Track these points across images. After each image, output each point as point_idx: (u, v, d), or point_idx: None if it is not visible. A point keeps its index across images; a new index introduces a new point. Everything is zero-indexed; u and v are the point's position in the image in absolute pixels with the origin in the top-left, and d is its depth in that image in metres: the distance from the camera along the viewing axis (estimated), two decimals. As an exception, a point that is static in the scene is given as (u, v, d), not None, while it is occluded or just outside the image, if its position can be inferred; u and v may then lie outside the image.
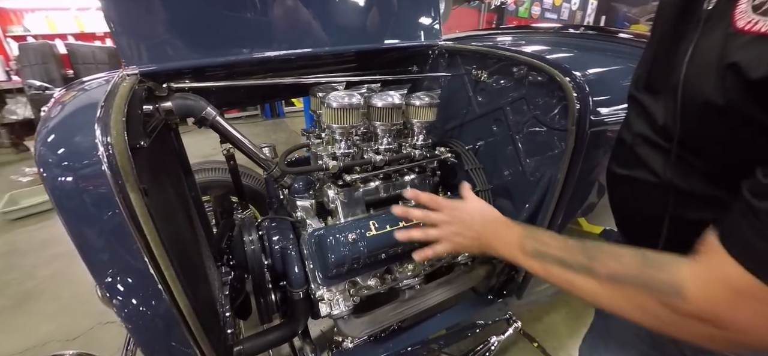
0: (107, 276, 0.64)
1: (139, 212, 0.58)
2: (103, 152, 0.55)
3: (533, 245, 0.56)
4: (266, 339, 0.99)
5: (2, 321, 1.98)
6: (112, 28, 0.74)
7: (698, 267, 0.39)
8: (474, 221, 0.67)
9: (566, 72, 0.86)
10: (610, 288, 0.44)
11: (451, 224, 0.69)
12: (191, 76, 0.90)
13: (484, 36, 1.95)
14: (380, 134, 1.03)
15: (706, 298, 0.37)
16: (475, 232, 0.66)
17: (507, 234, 0.61)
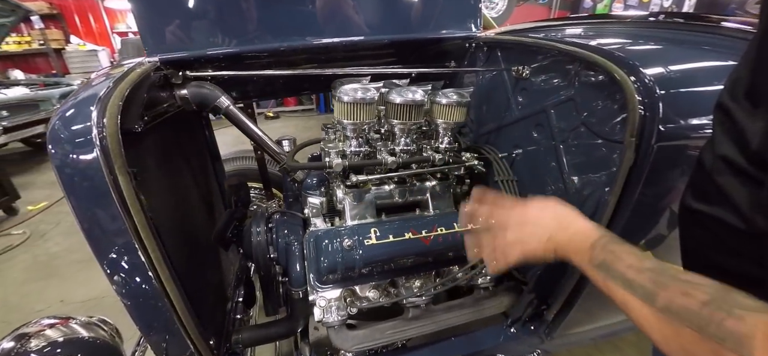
0: (106, 254, 0.66)
1: (126, 195, 0.58)
2: (96, 135, 0.56)
3: (602, 257, 0.47)
4: (264, 332, 0.98)
5: (75, 273, 2.31)
6: (136, 18, 0.77)
7: None
8: (547, 223, 0.57)
9: (630, 68, 0.68)
10: (664, 321, 0.37)
11: (522, 226, 0.59)
12: (214, 65, 0.91)
13: (546, 27, 1.73)
14: (398, 133, 0.94)
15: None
16: (548, 235, 0.56)
17: (580, 240, 0.52)
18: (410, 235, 0.83)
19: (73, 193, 0.60)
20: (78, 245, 2.62)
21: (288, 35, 0.91)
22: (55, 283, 2.24)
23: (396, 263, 0.84)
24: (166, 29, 0.81)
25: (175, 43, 0.82)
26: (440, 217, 0.93)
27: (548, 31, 1.36)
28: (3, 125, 3.72)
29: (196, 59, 0.87)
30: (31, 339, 0.64)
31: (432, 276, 0.98)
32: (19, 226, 2.95)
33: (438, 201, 1.04)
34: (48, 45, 5.65)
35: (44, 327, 0.68)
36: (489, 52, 1.12)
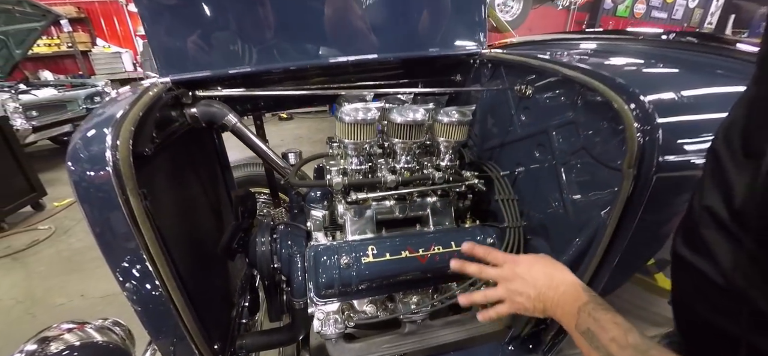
0: (117, 264, 0.70)
1: (137, 214, 0.62)
2: (110, 158, 0.60)
3: (588, 324, 0.49)
4: (267, 339, 1.02)
5: (96, 268, 2.43)
6: (149, 40, 0.82)
7: None
8: (536, 280, 0.60)
9: (630, 95, 0.68)
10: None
11: (511, 281, 0.63)
12: (223, 83, 0.95)
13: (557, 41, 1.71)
14: (398, 151, 0.96)
15: None
16: (537, 292, 0.59)
17: (568, 302, 0.54)
18: (407, 253, 0.85)
19: (88, 208, 0.64)
20: (98, 241, 2.75)
21: (297, 55, 0.95)
22: (76, 278, 2.36)
23: (393, 280, 0.86)
24: (177, 51, 0.85)
25: (185, 64, 0.86)
26: (438, 235, 0.94)
27: (556, 48, 1.36)
28: (33, 124, 3.94)
29: (205, 79, 0.91)
30: (51, 342, 0.69)
31: (429, 292, 0.99)
32: (45, 221, 3.12)
33: (438, 217, 1.05)
34: (75, 47, 5.93)
35: (63, 332, 0.73)
36: (493, 68, 1.12)
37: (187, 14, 0.83)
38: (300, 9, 0.92)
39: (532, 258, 0.64)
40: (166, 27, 0.83)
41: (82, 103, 4.64)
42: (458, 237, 0.95)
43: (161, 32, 0.83)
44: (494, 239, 0.97)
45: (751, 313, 0.33)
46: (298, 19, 0.92)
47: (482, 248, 0.70)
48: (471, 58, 1.16)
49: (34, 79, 5.39)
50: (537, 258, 0.64)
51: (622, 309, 1.56)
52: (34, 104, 4.04)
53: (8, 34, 4.40)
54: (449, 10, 1.06)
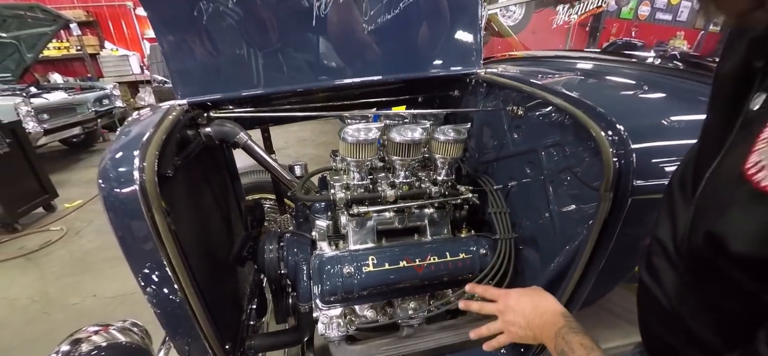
0: (140, 270, 0.77)
1: (160, 228, 0.70)
2: (137, 178, 0.67)
3: (561, 345, 0.57)
4: (274, 340, 1.09)
5: (107, 269, 2.51)
6: (168, 66, 0.89)
7: None
8: (524, 310, 0.69)
9: (607, 123, 0.74)
10: None
11: (505, 314, 0.72)
12: (235, 103, 1.03)
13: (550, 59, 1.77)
14: (397, 167, 1.03)
15: None
16: (526, 321, 0.68)
17: (549, 327, 0.63)
18: (405, 263, 0.92)
19: (116, 220, 0.71)
20: (110, 243, 2.84)
21: (304, 78, 1.02)
22: (88, 278, 2.45)
23: (392, 287, 0.93)
24: (193, 76, 0.93)
25: (201, 87, 0.94)
26: (434, 245, 1.01)
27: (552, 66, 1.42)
28: (44, 127, 4.05)
29: (219, 100, 0.98)
30: (82, 343, 0.76)
31: (426, 298, 1.06)
32: (57, 223, 3.21)
33: (435, 228, 1.12)
34: (84, 50, 6.05)
35: (91, 334, 0.80)
36: (488, 88, 1.19)
37: (202, 43, 0.90)
38: (306, 35, 0.99)
39: (520, 291, 0.74)
40: (184, 54, 0.90)
41: (91, 106, 4.75)
42: (453, 248, 1.02)
43: (179, 59, 0.90)
44: (486, 250, 1.04)
45: (685, 331, 0.39)
46: (305, 44, 1.00)
47: (481, 287, 0.82)
48: (468, 78, 1.23)
49: (44, 81, 5.52)
50: (525, 291, 0.73)
51: (614, 313, 1.63)
52: (46, 107, 4.15)
53: (20, 39, 4.52)
54: (446, 33, 1.13)
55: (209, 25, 0.88)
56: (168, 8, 0.85)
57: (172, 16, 0.86)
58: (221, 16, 0.88)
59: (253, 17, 0.92)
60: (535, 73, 1.38)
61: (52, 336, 1.97)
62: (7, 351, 1.89)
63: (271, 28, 0.94)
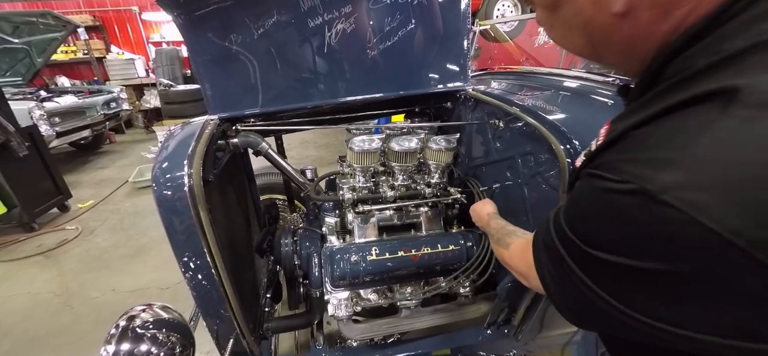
0: (182, 257, 0.94)
1: (204, 224, 0.86)
2: (186, 181, 0.83)
3: (486, 228, 0.93)
4: (288, 323, 1.25)
5: (123, 266, 2.67)
6: (204, 88, 1.06)
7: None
8: (474, 212, 1.06)
9: (562, 137, 0.91)
10: (496, 247, 0.80)
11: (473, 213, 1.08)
12: (257, 118, 1.20)
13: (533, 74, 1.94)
14: (396, 171, 1.20)
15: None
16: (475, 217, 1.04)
17: (484, 218, 0.96)
18: (402, 253, 1.08)
19: (166, 216, 0.88)
20: (123, 241, 3.00)
21: (317, 96, 1.19)
22: (106, 274, 2.60)
23: (392, 274, 1.10)
24: (224, 95, 1.10)
25: (230, 105, 1.10)
26: (428, 239, 1.17)
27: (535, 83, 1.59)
28: (56, 130, 4.20)
29: (244, 116, 1.15)
30: (136, 318, 0.92)
31: (421, 284, 1.22)
32: (72, 222, 3.37)
33: (430, 224, 1.29)
34: (91, 54, 6.20)
35: (139, 311, 0.96)
36: (475, 103, 1.36)
37: (232, 68, 1.07)
38: (319, 60, 1.16)
39: (476, 205, 1.07)
40: (216, 77, 1.07)
41: (100, 109, 4.90)
42: (444, 240, 1.19)
43: (213, 81, 1.07)
44: (473, 242, 1.20)
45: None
46: (317, 67, 1.16)
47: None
48: (457, 93, 1.40)
49: (52, 84, 5.67)
50: (479, 204, 1.06)
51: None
52: (57, 110, 4.30)
53: (31, 44, 4.67)
54: (438, 56, 1.30)
55: (238, 53, 1.05)
56: (205, 40, 1.02)
57: (208, 46, 1.03)
58: (248, 46, 1.05)
59: (274, 45, 1.08)
60: (521, 88, 1.55)
61: (77, 326, 2.13)
62: (36, 339, 2.05)
63: (289, 55, 1.11)
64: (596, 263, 0.36)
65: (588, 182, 0.38)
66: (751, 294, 0.27)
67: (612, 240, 0.34)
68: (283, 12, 1.07)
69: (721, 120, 0.28)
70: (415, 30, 1.21)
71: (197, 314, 1.21)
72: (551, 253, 0.43)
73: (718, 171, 0.27)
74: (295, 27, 1.08)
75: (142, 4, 6.49)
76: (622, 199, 0.32)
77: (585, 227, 0.38)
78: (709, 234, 0.27)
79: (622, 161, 0.34)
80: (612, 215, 0.34)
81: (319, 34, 1.10)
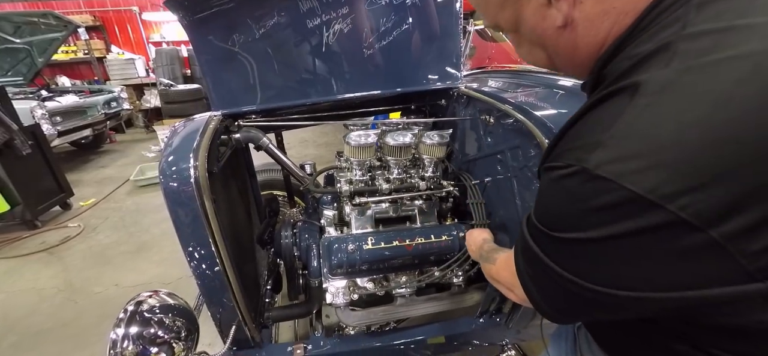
0: (188, 246, 0.98)
1: (209, 213, 0.91)
2: (192, 173, 0.88)
3: (479, 253, 0.92)
4: (288, 312, 1.30)
5: (125, 262, 2.72)
6: (208, 86, 1.11)
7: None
8: (469, 239, 1.04)
9: (546, 131, 0.96)
10: (484, 265, 0.82)
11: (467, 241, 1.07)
12: (258, 114, 1.25)
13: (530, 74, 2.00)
14: (392, 165, 1.25)
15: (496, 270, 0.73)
16: (470, 247, 1.03)
17: (477, 247, 0.96)
18: (397, 243, 1.14)
19: (173, 207, 0.92)
20: (125, 238, 3.05)
21: (315, 93, 1.24)
22: (108, 270, 2.65)
23: (387, 263, 1.15)
24: (227, 92, 1.15)
25: (233, 101, 1.16)
26: (422, 229, 1.23)
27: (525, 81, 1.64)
28: (58, 129, 4.24)
29: (246, 112, 1.20)
30: (143, 303, 0.98)
31: (415, 273, 1.28)
32: (74, 220, 3.41)
33: (424, 216, 1.34)
34: (91, 54, 6.24)
35: (146, 297, 1.01)
36: (468, 99, 1.41)
37: (235, 66, 1.12)
38: (317, 58, 1.21)
39: (472, 230, 1.08)
40: (220, 74, 1.12)
41: (100, 108, 4.94)
42: (437, 231, 1.24)
43: (216, 78, 1.12)
44: (465, 233, 1.26)
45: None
46: (316, 66, 1.21)
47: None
48: (451, 91, 1.45)
49: (53, 84, 5.70)
50: (475, 231, 1.06)
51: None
52: (59, 110, 4.34)
53: (32, 44, 4.70)
54: (432, 55, 1.36)
55: (240, 52, 1.10)
56: (208, 39, 1.07)
57: (212, 45, 1.08)
58: (250, 45, 1.10)
59: (275, 45, 1.13)
60: (514, 85, 1.60)
61: (81, 320, 2.18)
62: (43, 332, 2.09)
63: (289, 54, 1.16)
64: (561, 246, 0.41)
65: (546, 176, 0.44)
66: (677, 248, 0.33)
67: (566, 219, 0.39)
68: (284, 13, 1.12)
69: (629, 107, 0.35)
70: (410, 30, 1.26)
71: (201, 302, 1.26)
72: (527, 254, 0.47)
73: (633, 146, 0.34)
74: (295, 27, 1.13)
75: (142, 5, 6.53)
76: (569, 181, 0.38)
77: (549, 214, 0.43)
78: (632, 195, 0.32)
79: (566, 150, 0.40)
80: (564, 196, 0.39)
81: (318, 34, 1.15)
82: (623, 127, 0.35)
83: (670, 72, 0.34)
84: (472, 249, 0.99)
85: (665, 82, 0.33)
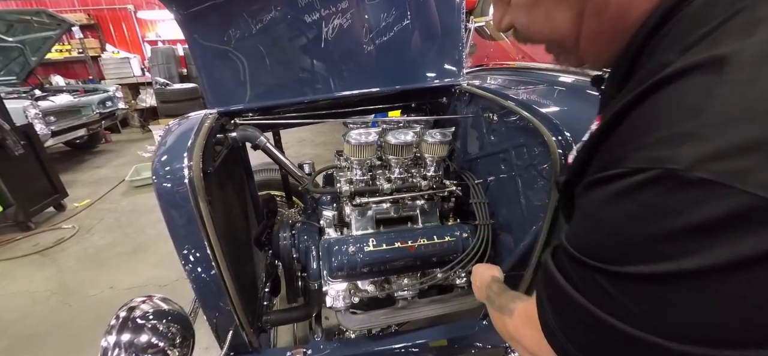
0: (182, 249, 0.95)
1: (204, 215, 0.88)
2: (186, 173, 0.85)
3: (487, 293, 0.79)
4: (287, 315, 1.27)
5: (120, 263, 2.68)
6: (203, 82, 1.07)
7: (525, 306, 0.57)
8: (475, 275, 0.93)
9: (554, 128, 0.93)
10: (494, 313, 0.68)
11: (473, 279, 0.95)
12: (255, 112, 1.21)
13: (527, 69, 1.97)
14: (393, 164, 1.22)
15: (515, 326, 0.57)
16: (475, 283, 0.92)
17: (483, 287, 0.84)
18: (399, 244, 1.10)
19: (166, 208, 0.89)
20: (121, 239, 3.00)
21: (313, 91, 1.21)
22: (104, 272, 2.61)
23: (389, 265, 1.12)
24: (223, 90, 1.11)
25: (229, 99, 1.12)
26: (424, 230, 1.20)
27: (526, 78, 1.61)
28: (52, 129, 4.18)
29: (242, 110, 1.16)
30: (136, 309, 0.94)
31: (417, 275, 1.25)
32: (68, 221, 3.36)
33: (426, 216, 1.30)
34: (86, 53, 6.16)
35: (139, 303, 0.98)
36: (470, 97, 1.38)
37: (231, 62, 1.08)
38: (316, 55, 1.18)
39: (480, 265, 0.97)
40: (215, 71, 1.08)
41: (95, 108, 4.87)
42: (440, 232, 1.21)
43: (212, 75, 1.08)
44: (468, 234, 1.23)
45: None
46: (314, 62, 1.18)
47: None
48: (452, 88, 1.42)
49: (46, 83, 5.63)
50: (482, 265, 0.97)
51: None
52: (53, 109, 4.28)
53: (25, 43, 4.64)
54: (433, 51, 1.33)
55: (237, 48, 1.06)
56: (204, 35, 1.03)
57: (207, 41, 1.04)
58: (246, 41, 1.06)
59: (272, 41, 1.10)
60: (515, 83, 1.57)
61: (75, 323, 2.13)
62: (36, 336, 2.05)
63: (287, 49, 1.12)
64: (626, 286, 0.29)
65: (596, 193, 0.33)
66: None
67: (639, 246, 0.28)
68: (281, 8, 1.08)
69: (721, 85, 0.26)
70: (411, 25, 1.23)
71: (197, 307, 1.22)
72: (562, 305, 0.36)
73: (747, 132, 0.25)
74: (293, 22, 1.10)
75: (137, 3, 6.46)
76: (645, 193, 0.28)
77: (603, 244, 0.32)
78: (758, 202, 0.23)
79: (629, 150, 0.30)
80: (633, 214, 0.29)
81: (316, 29, 1.12)
82: (723, 109, 0.26)
83: (760, 41, 0.27)
84: (476, 286, 0.89)
85: (762, 52, 0.26)
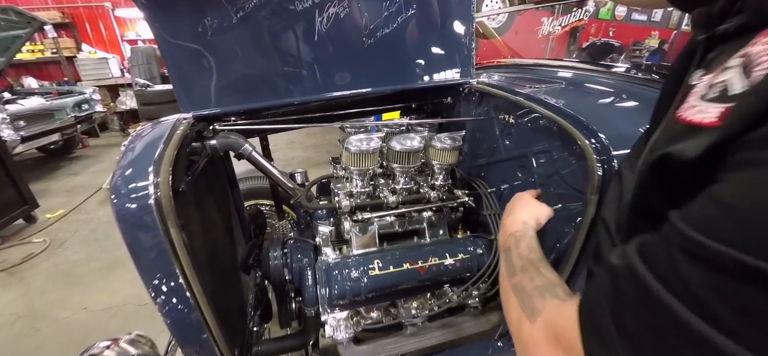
0: (152, 282, 0.79)
1: (175, 242, 0.72)
2: (152, 192, 0.69)
3: (509, 244, 0.62)
4: (281, 345, 1.12)
5: (96, 281, 2.46)
6: (173, 81, 0.91)
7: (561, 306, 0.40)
8: (508, 209, 0.78)
9: (590, 132, 0.81)
10: (509, 291, 0.50)
11: (506, 215, 0.78)
12: (238, 116, 1.05)
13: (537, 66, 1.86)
14: (397, 174, 1.08)
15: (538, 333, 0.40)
16: (504, 219, 0.74)
17: (509, 227, 0.68)
18: (408, 265, 0.97)
19: (129, 234, 0.73)
20: (97, 253, 2.77)
21: (302, 91, 1.05)
22: (77, 291, 2.39)
23: (396, 289, 0.98)
24: (198, 90, 0.95)
25: (205, 101, 0.96)
26: (434, 247, 1.06)
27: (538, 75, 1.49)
28: (21, 134, 3.89)
29: (222, 113, 1.00)
30: (96, 357, 0.78)
31: (427, 297, 1.11)
32: (39, 234, 3.11)
33: (434, 230, 1.17)
34: (60, 53, 5.82)
35: (102, 349, 0.82)
36: (481, 96, 1.25)
37: (207, 58, 0.92)
38: (308, 50, 1.02)
39: (517, 195, 0.82)
40: (188, 69, 0.92)
41: (70, 111, 4.58)
42: (452, 249, 1.08)
43: (184, 74, 0.92)
44: (483, 249, 1.10)
45: None
46: (306, 58, 1.03)
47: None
48: (461, 87, 1.29)
49: (17, 86, 5.28)
50: (518, 195, 0.82)
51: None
52: (22, 113, 3.99)
53: (-9, 43, 4.32)
54: (442, 45, 1.19)
55: (213, 41, 0.91)
56: (174, 24, 0.87)
57: (178, 32, 0.88)
58: (225, 32, 0.90)
59: (257, 32, 0.94)
60: (520, 81, 1.45)
61: (41, 351, 1.92)
62: (-5, 368, 1.84)
63: (274, 43, 0.97)
64: None
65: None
66: None
67: None
68: (266, -7, 0.93)
69: None
70: (416, 16, 1.09)
71: (173, 345, 1.06)
72: (656, 314, 0.26)
73: None
74: (281, 10, 0.94)
75: (115, 1, 6.14)
76: None
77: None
78: None
79: None
80: None
81: (308, 19, 0.96)
82: None
83: None
84: (504, 226, 0.70)
85: None
